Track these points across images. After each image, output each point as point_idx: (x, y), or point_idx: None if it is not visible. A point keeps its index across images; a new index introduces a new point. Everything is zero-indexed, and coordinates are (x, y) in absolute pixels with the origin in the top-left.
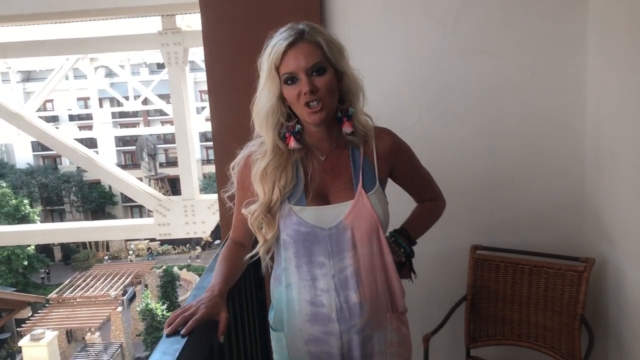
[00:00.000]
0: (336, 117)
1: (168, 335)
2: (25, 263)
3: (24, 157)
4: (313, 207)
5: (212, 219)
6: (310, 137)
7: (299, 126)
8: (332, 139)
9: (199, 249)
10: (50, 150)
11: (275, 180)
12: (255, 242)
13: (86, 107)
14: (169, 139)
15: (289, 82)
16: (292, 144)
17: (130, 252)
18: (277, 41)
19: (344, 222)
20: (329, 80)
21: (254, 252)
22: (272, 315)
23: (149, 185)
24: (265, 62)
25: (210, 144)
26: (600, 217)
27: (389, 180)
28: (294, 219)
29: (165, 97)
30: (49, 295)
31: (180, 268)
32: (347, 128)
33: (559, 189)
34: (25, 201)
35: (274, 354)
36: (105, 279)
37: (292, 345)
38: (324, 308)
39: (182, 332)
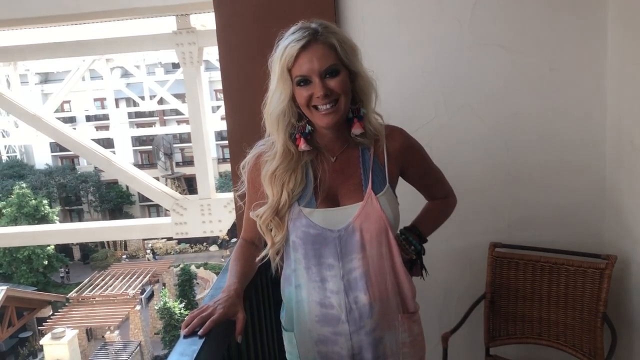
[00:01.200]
0: (347, 117)
1: (185, 336)
2: (45, 262)
3: (42, 158)
4: (322, 209)
5: (229, 218)
6: (321, 138)
7: (309, 127)
8: (342, 139)
9: (215, 247)
10: (68, 151)
11: (284, 183)
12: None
13: (103, 107)
14: (185, 138)
15: (302, 84)
16: (302, 145)
17: (148, 251)
18: (289, 42)
19: (352, 224)
20: (342, 81)
21: (263, 253)
22: (284, 315)
23: (166, 185)
24: (277, 63)
25: (226, 142)
26: (622, 213)
27: (399, 178)
28: (303, 221)
29: (180, 96)
30: (69, 294)
31: (198, 266)
32: (357, 129)
33: (579, 184)
34: (45, 201)
35: (287, 353)
36: (124, 278)
37: (302, 345)
38: (334, 309)
39: (199, 332)
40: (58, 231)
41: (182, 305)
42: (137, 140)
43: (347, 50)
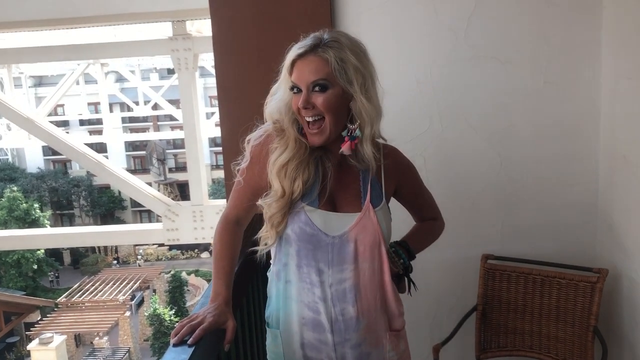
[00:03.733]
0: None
1: (175, 345)
2: (35, 267)
3: (34, 161)
4: (323, 211)
5: None
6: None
7: None
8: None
9: (207, 253)
10: (61, 154)
11: (298, 176)
12: (255, 225)
13: (96, 112)
14: (178, 144)
15: (294, 91)
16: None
17: (139, 257)
18: (295, 47)
19: (348, 233)
20: (328, 99)
21: (259, 248)
22: (268, 312)
23: (158, 190)
24: (285, 62)
25: (220, 149)
26: (614, 226)
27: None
28: (302, 217)
29: (175, 102)
30: (58, 299)
31: (189, 273)
32: (345, 149)
33: (572, 197)
34: (36, 205)
35: (268, 352)
36: (114, 284)
37: (287, 346)
38: (320, 315)
39: (189, 341)
40: (48, 235)
41: (173, 312)
42: (131, 145)
43: (346, 68)
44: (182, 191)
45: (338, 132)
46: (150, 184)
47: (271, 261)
